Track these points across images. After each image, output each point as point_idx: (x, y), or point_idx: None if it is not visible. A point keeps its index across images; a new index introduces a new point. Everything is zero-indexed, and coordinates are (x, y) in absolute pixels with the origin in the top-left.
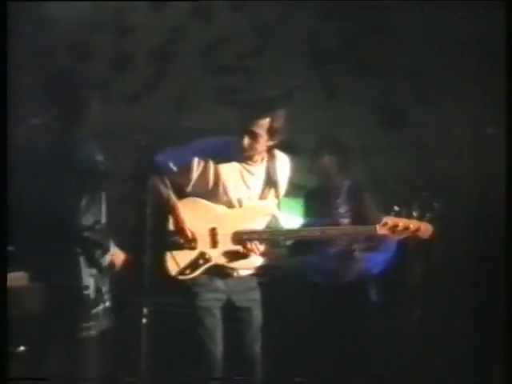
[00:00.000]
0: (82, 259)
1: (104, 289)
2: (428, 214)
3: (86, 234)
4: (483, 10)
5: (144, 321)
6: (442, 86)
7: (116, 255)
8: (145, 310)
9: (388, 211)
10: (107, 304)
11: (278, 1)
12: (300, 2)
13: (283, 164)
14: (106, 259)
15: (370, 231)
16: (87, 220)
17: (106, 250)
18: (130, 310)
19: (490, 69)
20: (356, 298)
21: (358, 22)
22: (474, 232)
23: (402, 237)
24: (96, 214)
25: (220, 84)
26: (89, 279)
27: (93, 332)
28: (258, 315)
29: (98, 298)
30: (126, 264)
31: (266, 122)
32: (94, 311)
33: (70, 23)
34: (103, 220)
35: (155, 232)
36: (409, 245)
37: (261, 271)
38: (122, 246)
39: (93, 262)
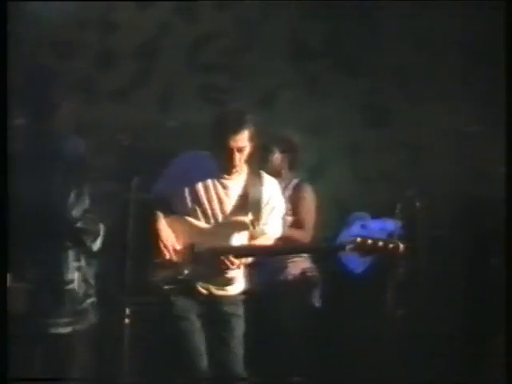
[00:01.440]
0: (69, 252)
1: (92, 282)
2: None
3: (78, 224)
4: (483, 10)
5: (126, 320)
6: (427, 84)
7: None
8: (127, 310)
9: (373, 210)
10: (94, 298)
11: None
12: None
13: (270, 185)
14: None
15: (339, 249)
16: (77, 211)
17: (96, 237)
18: (114, 309)
19: (476, 68)
20: (338, 299)
21: (342, 20)
22: (460, 230)
23: (370, 252)
24: (83, 205)
25: (204, 82)
26: (75, 273)
27: (80, 327)
28: (239, 327)
29: (86, 292)
30: None
31: (241, 135)
32: (81, 306)
33: (55, 21)
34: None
35: (138, 237)
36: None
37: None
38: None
39: (83, 252)
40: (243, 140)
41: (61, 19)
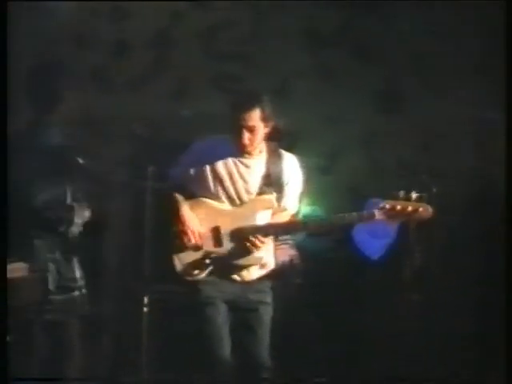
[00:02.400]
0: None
1: (77, 275)
2: (426, 195)
3: (46, 212)
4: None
5: (145, 309)
6: (442, 71)
7: None
8: (146, 300)
9: (388, 197)
10: (82, 291)
11: None
12: None
13: (290, 163)
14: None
15: (369, 217)
16: (46, 200)
17: (70, 224)
18: (132, 299)
19: (492, 57)
20: (357, 285)
21: (356, 8)
22: (474, 217)
23: (401, 220)
24: (57, 194)
25: (219, 71)
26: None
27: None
28: (266, 317)
29: (70, 284)
30: None
31: (254, 114)
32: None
33: (69, 11)
34: (68, 199)
35: (158, 225)
36: (409, 230)
37: (270, 274)
38: (121, 234)
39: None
40: (254, 119)
41: (75, 9)
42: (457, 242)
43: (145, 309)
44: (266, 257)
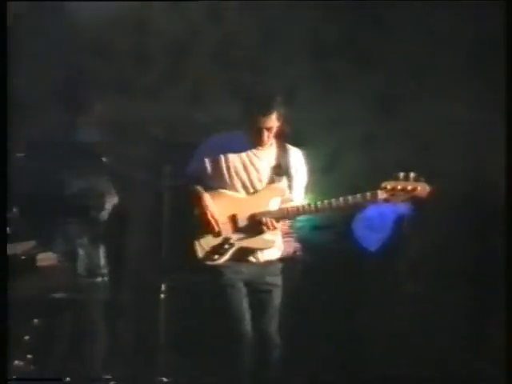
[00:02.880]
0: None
1: (101, 262)
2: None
3: (79, 201)
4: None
5: (162, 296)
6: (437, 77)
7: None
8: (163, 286)
9: (389, 178)
10: (104, 277)
11: (282, 0)
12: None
13: (296, 155)
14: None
15: (372, 197)
16: (77, 189)
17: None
18: (149, 286)
19: (486, 61)
20: (356, 274)
21: (357, 20)
22: (468, 214)
23: (402, 199)
24: (88, 185)
25: (229, 78)
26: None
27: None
28: (277, 298)
29: (93, 270)
30: None
31: (272, 116)
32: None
33: (93, 22)
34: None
35: (177, 218)
36: (403, 225)
37: (282, 257)
38: (139, 228)
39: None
40: (272, 121)
41: (98, 20)
42: (449, 236)
43: (162, 295)
44: (278, 240)
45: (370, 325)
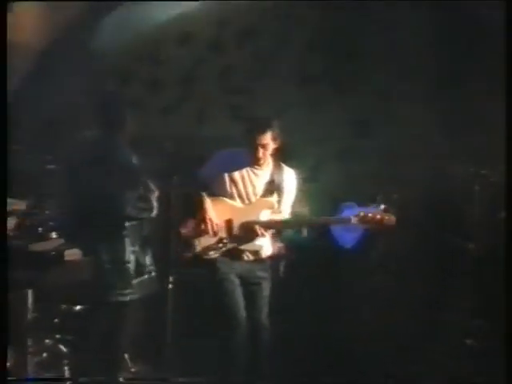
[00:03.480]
0: (126, 239)
1: (147, 261)
2: (390, 208)
3: (135, 214)
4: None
5: (170, 286)
6: (401, 103)
7: None
8: (171, 279)
9: (359, 200)
10: (152, 274)
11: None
12: (291, 39)
13: (289, 174)
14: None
15: (347, 221)
16: (134, 206)
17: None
18: (160, 279)
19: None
20: (333, 268)
21: (336, 54)
22: (426, 215)
23: (370, 226)
24: (139, 201)
25: (229, 102)
26: (131, 255)
27: (135, 297)
28: (265, 290)
29: (140, 270)
30: None
31: (268, 134)
32: (136, 280)
33: (117, 55)
34: (154, 202)
35: (183, 221)
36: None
37: (269, 256)
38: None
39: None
40: (267, 139)
41: (121, 53)
42: (413, 236)
43: (170, 286)
44: (266, 245)
45: (346, 310)
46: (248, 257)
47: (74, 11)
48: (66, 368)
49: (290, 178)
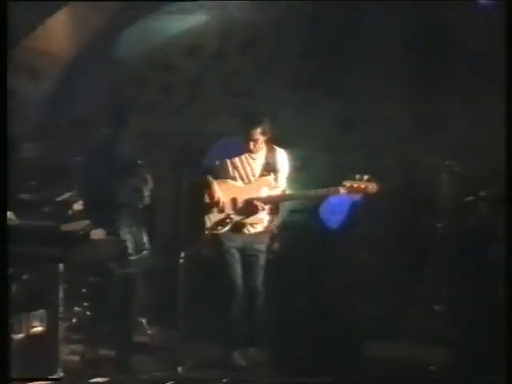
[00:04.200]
0: (123, 222)
1: (144, 240)
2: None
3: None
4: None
5: (181, 261)
6: (381, 104)
7: None
8: (182, 254)
9: (348, 178)
10: (148, 251)
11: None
12: (285, 48)
13: (281, 155)
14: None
15: (335, 191)
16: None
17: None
18: (171, 254)
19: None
20: (321, 246)
21: (326, 60)
22: (406, 200)
23: (357, 194)
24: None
25: (232, 104)
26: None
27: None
28: (262, 261)
29: (139, 248)
30: None
31: (259, 129)
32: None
33: (133, 62)
34: (146, 193)
35: (193, 200)
36: (357, 209)
37: (266, 231)
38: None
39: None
40: (257, 134)
41: (137, 62)
42: (391, 218)
43: (181, 260)
44: (265, 218)
45: (331, 281)
46: (249, 230)
47: (99, 25)
48: (92, 331)
49: (282, 159)
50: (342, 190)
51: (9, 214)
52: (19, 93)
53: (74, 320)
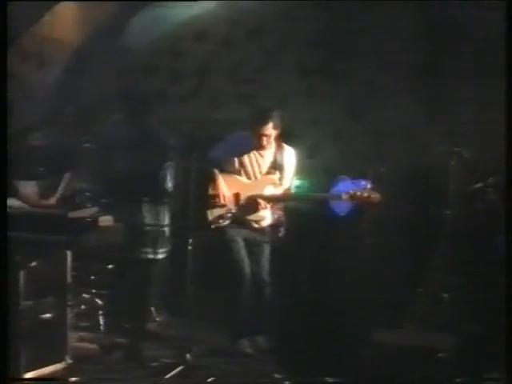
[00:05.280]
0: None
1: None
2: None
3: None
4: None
5: (190, 248)
6: (387, 92)
7: None
8: (190, 241)
9: (351, 174)
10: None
11: (279, 33)
12: (293, 36)
13: (289, 153)
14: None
15: (338, 197)
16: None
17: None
18: (181, 240)
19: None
20: (330, 233)
21: (333, 48)
22: (411, 187)
23: (358, 202)
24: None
25: (240, 91)
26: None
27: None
28: (266, 250)
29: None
30: None
31: (269, 125)
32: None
33: (142, 49)
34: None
35: (197, 191)
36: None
37: (270, 224)
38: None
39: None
40: (269, 129)
41: (146, 49)
42: (398, 203)
43: (189, 247)
44: (267, 215)
45: (340, 267)
46: (252, 225)
47: (107, 12)
48: (100, 318)
49: (290, 157)
50: (344, 197)
51: (13, 201)
52: (27, 80)
53: (82, 307)
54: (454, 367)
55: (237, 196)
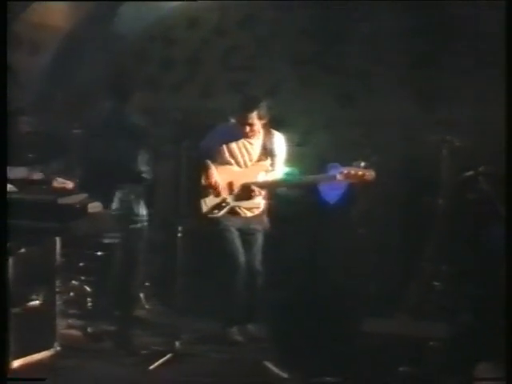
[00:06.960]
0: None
1: (141, 212)
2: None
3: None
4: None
5: (179, 235)
6: (380, 81)
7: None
8: (180, 228)
9: (342, 162)
10: (145, 223)
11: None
12: (285, 24)
13: (279, 139)
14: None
15: (332, 178)
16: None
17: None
18: (170, 229)
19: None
20: (320, 221)
21: (327, 37)
22: (404, 176)
23: (353, 180)
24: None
25: (232, 78)
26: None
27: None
28: (259, 239)
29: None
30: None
31: (255, 114)
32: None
33: (133, 36)
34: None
35: (190, 182)
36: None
37: (263, 212)
38: (163, 190)
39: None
40: (253, 119)
41: (137, 35)
42: (389, 193)
43: (179, 235)
44: (261, 202)
45: (330, 257)
46: (245, 213)
47: None
48: (89, 305)
49: (280, 143)
50: (338, 177)
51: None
52: (18, 66)
53: (71, 294)
54: (446, 357)
55: (230, 185)
